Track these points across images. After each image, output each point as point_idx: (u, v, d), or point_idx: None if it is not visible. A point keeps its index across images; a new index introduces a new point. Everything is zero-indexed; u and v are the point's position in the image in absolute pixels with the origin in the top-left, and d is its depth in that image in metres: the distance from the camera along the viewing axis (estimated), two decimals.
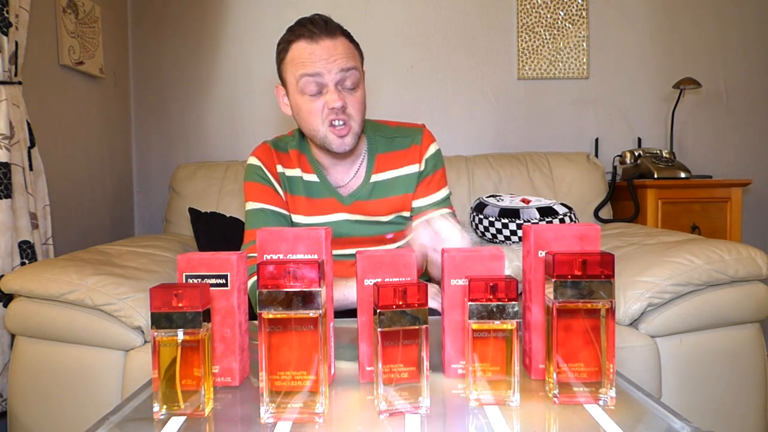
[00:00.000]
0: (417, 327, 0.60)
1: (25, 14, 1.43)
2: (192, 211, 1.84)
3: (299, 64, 1.07)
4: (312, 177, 1.22)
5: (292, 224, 1.22)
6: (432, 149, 1.24)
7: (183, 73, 2.29)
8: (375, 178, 1.22)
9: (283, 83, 1.15)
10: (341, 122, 1.08)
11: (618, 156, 2.19)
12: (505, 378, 0.63)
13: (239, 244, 1.26)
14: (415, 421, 0.60)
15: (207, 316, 0.62)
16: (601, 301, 0.62)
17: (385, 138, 1.24)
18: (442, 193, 1.25)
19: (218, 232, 1.75)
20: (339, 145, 1.11)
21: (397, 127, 1.27)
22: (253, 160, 1.22)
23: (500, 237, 1.80)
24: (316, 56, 1.05)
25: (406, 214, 1.25)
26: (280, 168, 1.21)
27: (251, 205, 1.19)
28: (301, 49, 1.07)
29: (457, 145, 2.29)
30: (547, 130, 2.34)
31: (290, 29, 1.10)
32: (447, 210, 1.23)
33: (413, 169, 1.23)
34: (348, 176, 1.23)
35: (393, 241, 1.26)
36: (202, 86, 2.29)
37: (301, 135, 1.23)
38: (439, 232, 0.94)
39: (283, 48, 1.11)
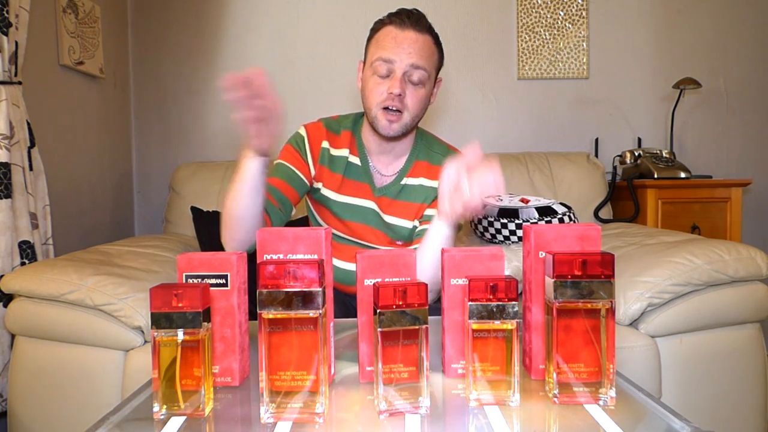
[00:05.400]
0: (417, 327, 0.60)
1: (25, 14, 1.43)
2: (194, 209, 1.84)
3: (381, 47, 1.14)
4: (356, 160, 1.27)
5: (315, 194, 1.28)
6: None
7: (183, 73, 2.28)
8: (406, 181, 1.26)
9: (364, 58, 1.22)
10: (395, 108, 1.14)
11: (618, 156, 2.19)
12: (505, 378, 0.63)
13: None
14: (415, 421, 0.60)
15: (207, 316, 0.62)
16: (601, 301, 0.62)
17: (428, 149, 1.29)
18: None
19: (220, 231, 1.75)
20: (385, 127, 1.16)
21: (442, 145, 1.32)
22: (301, 130, 1.28)
23: (499, 237, 1.80)
24: (396, 43, 1.13)
25: (417, 222, 1.26)
26: (325, 144, 1.26)
27: (277, 161, 1.25)
28: (387, 32, 1.15)
29: (457, 145, 2.27)
30: (547, 130, 2.34)
31: (389, 14, 1.17)
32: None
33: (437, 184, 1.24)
34: (388, 170, 1.27)
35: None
36: (202, 86, 2.29)
37: (356, 118, 1.30)
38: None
39: (375, 27, 1.19)
